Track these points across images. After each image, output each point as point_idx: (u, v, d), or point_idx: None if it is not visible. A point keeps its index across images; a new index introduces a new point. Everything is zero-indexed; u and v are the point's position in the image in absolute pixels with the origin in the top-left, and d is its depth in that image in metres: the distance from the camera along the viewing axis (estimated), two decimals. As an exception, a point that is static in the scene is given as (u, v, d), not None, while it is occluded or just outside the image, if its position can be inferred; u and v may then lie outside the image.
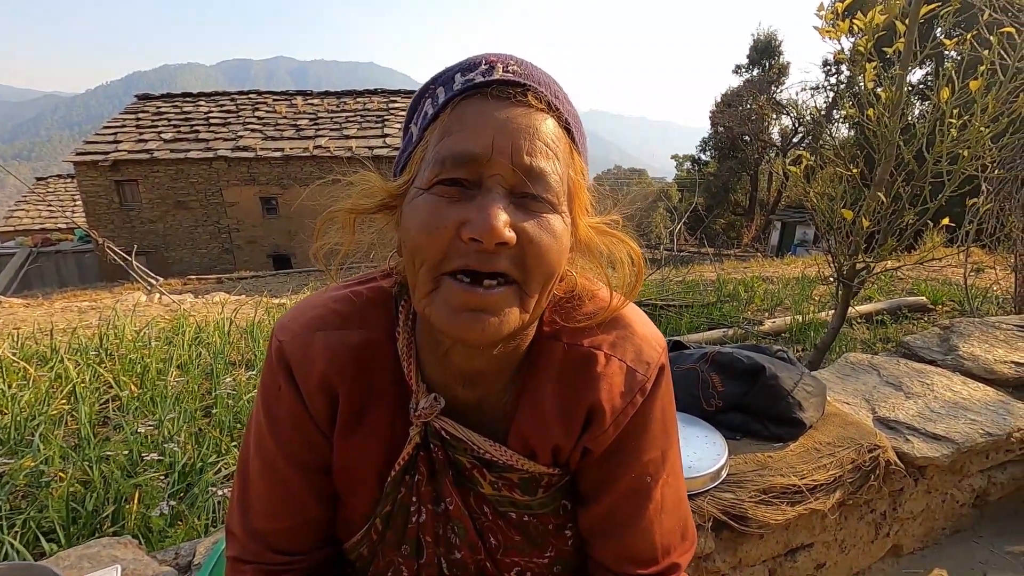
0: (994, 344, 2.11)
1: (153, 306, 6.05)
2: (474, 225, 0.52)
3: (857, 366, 2.01)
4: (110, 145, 14.67)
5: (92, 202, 14.55)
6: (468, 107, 0.55)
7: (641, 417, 0.68)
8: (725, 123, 23.83)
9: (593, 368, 0.66)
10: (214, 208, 15.01)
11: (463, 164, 0.53)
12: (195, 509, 1.78)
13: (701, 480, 1.24)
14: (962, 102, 2.23)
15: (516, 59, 0.58)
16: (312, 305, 0.69)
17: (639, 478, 0.70)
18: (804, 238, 19.18)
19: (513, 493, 0.69)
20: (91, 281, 13.14)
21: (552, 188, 0.55)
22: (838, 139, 3.43)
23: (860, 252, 2.53)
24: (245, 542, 0.70)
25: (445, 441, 0.68)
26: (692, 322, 4.21)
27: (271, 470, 0.69)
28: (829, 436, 1.45)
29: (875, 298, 4.53)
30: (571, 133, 0.59)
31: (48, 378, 2.67)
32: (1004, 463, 1.74)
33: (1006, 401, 1.79)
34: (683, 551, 0.75)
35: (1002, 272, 4.29)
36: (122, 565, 1.08)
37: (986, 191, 3.04)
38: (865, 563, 1.59)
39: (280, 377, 0.66)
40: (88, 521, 1.72)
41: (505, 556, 0.72)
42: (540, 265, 0.55)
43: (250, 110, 16.65)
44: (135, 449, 2.04)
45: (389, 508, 0.70)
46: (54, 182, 22.53)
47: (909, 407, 1.73)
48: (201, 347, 3.41)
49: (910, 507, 1.59)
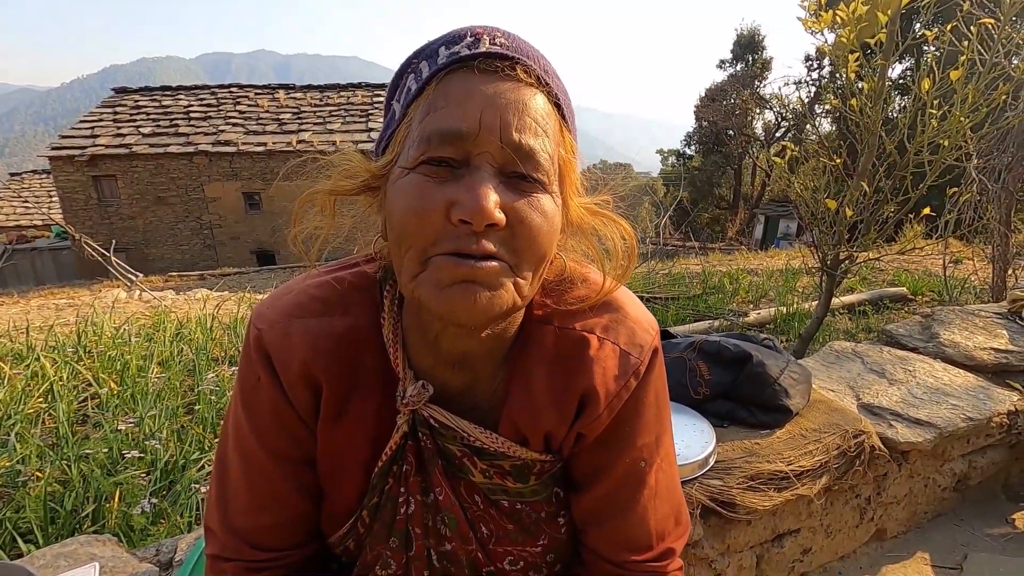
0: (974, 331, 2.15)
1: (133, 303, 5.94)
2: (463, 206, 0.50)
3: (841, 354, 2.03)
4: (87, 140, 14.36)
5: (69, 198, 14.25)
6: (454, 82, 0.53)
7: (635, 401, 0.67)
8: (709, 118, 23.98)
9: (586, 352, 0.65)
10: (195, 204, 14.78)
11: (450, 142, 0.51)
12: (178, 507, 1.75)
13: (689, 467, 1.24)
14: (942, 93, 2.25)
15: (503, 31, 0.56)
16: (291, 291, 0.67)
17: (633, 463, 0.69)
18: (787, 231, 19.43)
19: (505, 481, 0.68)
20: (69, 279, 12.86)
21: (542, 167, 0.53)
22: (820, 133, 3.46)
23: (843, 242, 2.56)
24: (225, 539, 0.68)
25: (434, 429, 0.66)
26: (678, 314, 4.23)
27: (251, 465, 0.66)
28: (815, 422, 1.46)
29: (857, 289, 4.59)
30: (561, 109, 0.57)
31: (24, 376, 2.61)
32: (984, 447, 1.77)
33: (986, 387, 1.83)
34: (677, 536, 0.74)
35: (980, 263, 4.37)
36: (101, 563, 1.05)
37: (976, 180, 3.09)
38: (850, 547, 1.61)
39: (259, 368, 0.64)
40: (67, 521, 1.68)
41: (497, 545, 0.71)
42: (531, 246, 0.53)
43: (231, 104, 16.40)
44: (115, 447, 1.99)
45: (376, 500, 0.68)
46: (29, 178, 22.03)
47: (892, 393, 1.75)
48: (183, 344, 3.35)
49: (894, 491, 1.61)
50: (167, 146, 14.42)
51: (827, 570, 1.58)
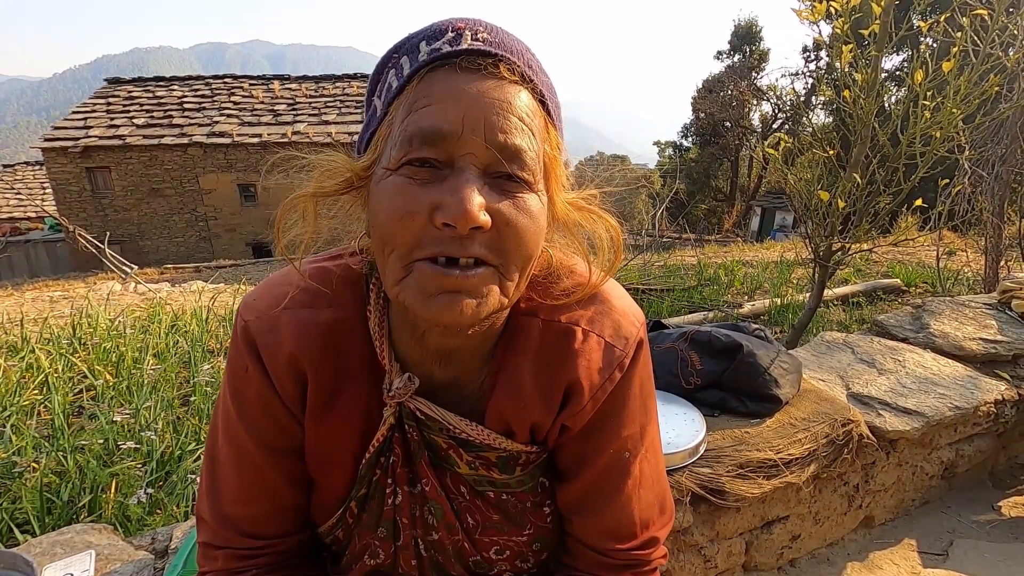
0: (964, 322, 2.17)
1: (128, 295, 5.92)
2: (447, 210, 0.49)
3: (832, 344, 2.05)
4: (80, 131, 14.22)
5: (62, 190, 14.13)
6: (435, 80, 0.52)
7: (619, 393, 0.67)
8: (706, 109, 23.92)
9: (571, 344, 0.65)
10: (190, 196, 14.68)
11: (432, 143, 0.50)
12: (174, 497, 1.76)
13: (680, 456, 1.26)
14: (936, 84, 2.26)
15: (485, 25, 0.55)
16: (278, 283, 0.67)
17: (618, 454, 0.69)
18: (783, 223, 19.43)
19: (490, 472, 0.68)
20: (63, 271, 12.80)
21: (528, 166, 0.53)
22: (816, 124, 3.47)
23: (836, 233, 2.57)
24: (216, 528, 0.69)
25: (420, 421, 0.66)
26: (673, 306, 4.25)
27: (240, 455, 0.67)
28: (804, 412, 1.48)
29: (851, 281, 4.62)
30: (546, 105, 0.56)
31: (19, 368, 2.61)
32: (971, 436, 1.79)
33: (974, 376, 1.85)
34: (661, 525, 0.75)
35: (973, 254, 4.40)
36: (97, 551, 1.06)
37: (969, 171, 3.10)
38: (838, 534, 1.64)
39: (247, 358, 0.64)
40: (63, 511, 1.69)
41: (483, 535, 0.72)
42: (518, 248, 0.53)
43: (226, 95, 16.25)
44: (111, 438, 2.00)
45: (364, 491, 0.69)
46: (22, 169, 21.83)
47: (882, 383, 1.77)
48: (178, 335, 3.35)
49: (882, 479, 1.63)
50: (161, 137, 14.30)
51: (815, 556, 1.60)
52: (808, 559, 1.59)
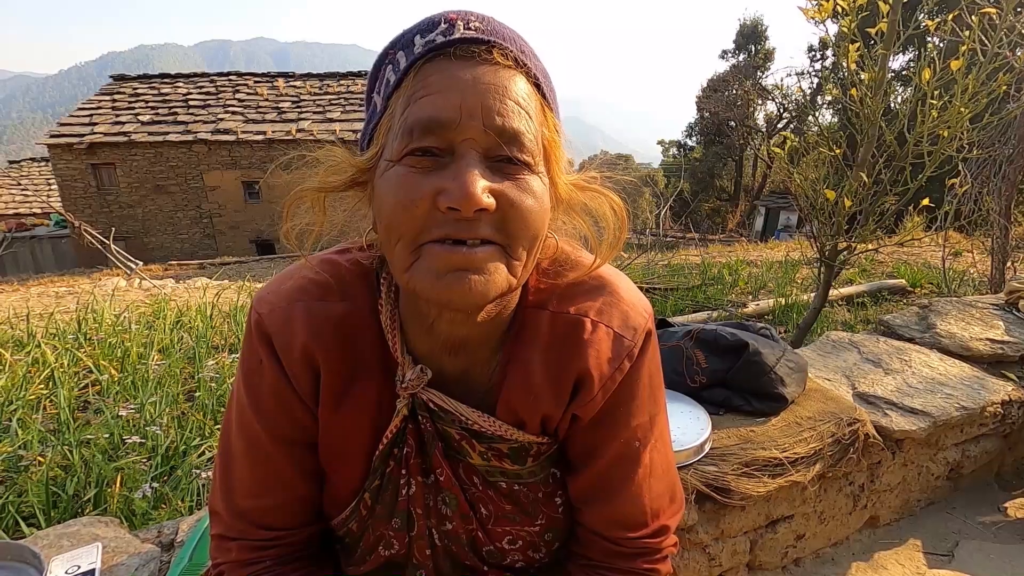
0: (970, 322, 2.15)
1: (133, 291, 5.95)
2: (451, 194, 0.50)
3: (838, 343, 2.04)
4: (85, 127, 14.29)
5: (68, 186, 14.20)
6: (431, 70, 0.53)
7: (629, 383, 0.68)
8: (711, 108, 23.87)
9: (580, 335, 0.66)
10: (194, 192, 14.73)
11: (432, 131, 0.51)
12: (179, 491, 1.77)
13: (685, 454, 1.26)
14: (943, 83, 2.25)
15: (477, 14, 0.56)
16: (291, 276, 0.67)
17: (628, 443, 0.70)
18: (787, 223, 19.38)
19: (503, 463, 0.69)
20: (68, 267, 12.85)
21: (527, 148, 0.54)
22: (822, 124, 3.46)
23: (841, 233, 2.56)
24: (230, 520, 0.69)
25: (433, 412, 0.67)
26: (677, 304, 4.24)
27: (254, 448, 0.67)
28: (810, 411, 1.47)
29: (857, 281, 4.60)
30: (541, 89, 0.57)
31: (25, 363, 2.62)
32: (977, 437, 1.78)
33: (981, 377, 1.84)
34: (672, 513, 0.76)
35: (979, 255, 4.37)
36: (103, 543, 1.06)
37: (964, 172, 3.08)
38: (843, 534, 1.63)
39: (261, 351, 0.65)
40: (69, 505, 1.70)
41: (496, 525, 0.72)
42: (524, 228, 0.54)
43: (231, 92, 16.29)
44: (116, 433, 2.01)
45: (378, 482, 0.69)
46: (28, 166, 21.92)
47: (888, 383, 1.76)
48: (183, 331, 3.36)
49: (887, 479, 1.63)
50: (166, 134, 14.35)
51: (820, 556, 1.59)
52: (812, 559, 1.58)
